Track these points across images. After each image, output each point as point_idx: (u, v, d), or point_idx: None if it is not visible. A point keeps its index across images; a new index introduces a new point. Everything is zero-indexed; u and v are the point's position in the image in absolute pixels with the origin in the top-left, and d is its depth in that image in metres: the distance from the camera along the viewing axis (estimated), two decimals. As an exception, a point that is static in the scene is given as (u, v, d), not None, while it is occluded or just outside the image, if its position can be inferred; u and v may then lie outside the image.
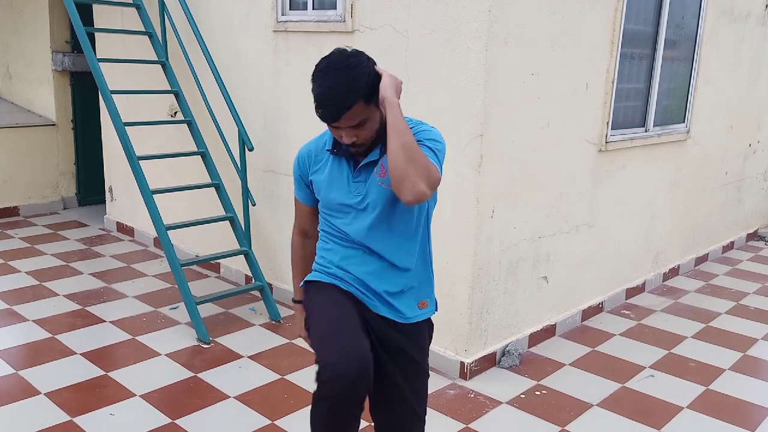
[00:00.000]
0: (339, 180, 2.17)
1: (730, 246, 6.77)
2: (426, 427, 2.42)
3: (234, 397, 3.61)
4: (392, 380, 2.27)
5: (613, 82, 4.44)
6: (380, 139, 2.11)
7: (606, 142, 4.52)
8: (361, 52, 2.07)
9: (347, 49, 2.07)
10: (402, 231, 2.19)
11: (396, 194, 1.98)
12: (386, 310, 2.23)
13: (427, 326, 2.39)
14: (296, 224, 2.41)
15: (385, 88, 2.03)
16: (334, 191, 2.17)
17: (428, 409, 3.61)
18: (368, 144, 2.09)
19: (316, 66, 2.04)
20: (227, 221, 4.91)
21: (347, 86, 1.95)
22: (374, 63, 2.09)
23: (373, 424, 2.42)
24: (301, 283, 2.38)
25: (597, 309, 4.94)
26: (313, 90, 2.01)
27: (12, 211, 7.00)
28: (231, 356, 4.10)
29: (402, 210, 2.15)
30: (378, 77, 2.05)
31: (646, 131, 5.01)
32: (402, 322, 2.25)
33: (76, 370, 3.84)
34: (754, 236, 7.24)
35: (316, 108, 2.00)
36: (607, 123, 4.49)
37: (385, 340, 2.23)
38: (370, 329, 2.20)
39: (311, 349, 2.17)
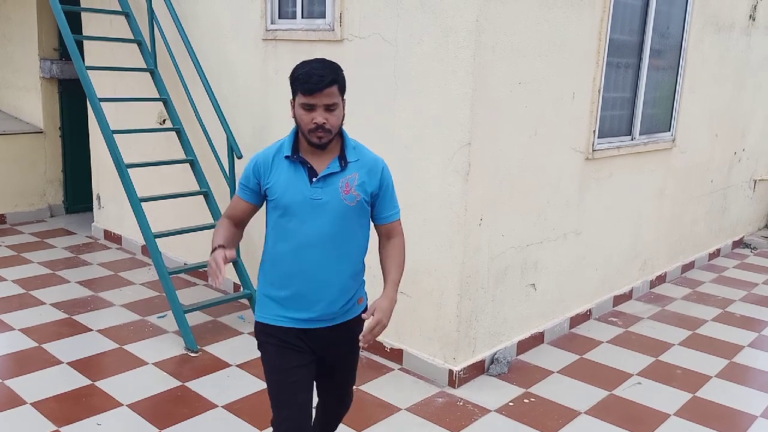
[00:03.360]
0: (296, 184, 2.33)
1: (716, 253, 6.83)
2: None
3: (222, 407, 3.60)
4: (334, 372, 2.61)
5: (599, 91, 4.48)
6: (339, 151, 2.37)
7: (593, 151, 4.56)
8: None
9: None
10: (348, 241, 2.40)
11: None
12: (323, 322, 2.42)
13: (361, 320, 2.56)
14: (228, 211, 2.56)
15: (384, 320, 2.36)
16: (292, 192, 2.33)
17: (417, 417, 3.63)
18: (333, 133, 2.29)
19: (299, 63, 2.31)
20: (216, 229, 4.89)
21: (331, 68, 2.27)
22: None
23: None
24: (256, 317, 2.50)
25: (585, 316, 4.96)
26: (297, 71, 2.27)
27: (-2, 219, 6.96)
28: (219, 365, 4.08)
29: (351, 223, 2.39)
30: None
31: (632, 140, 5.06)
32: (345, 321, 2.46)
33: (62, 380, 3.82)
34: (740, 244, 7.31)
35: (303, 82, 2.23)
36: (594, 131, 4.53)
37: (331, 345, 2.48)
38: (316, 348, 2.45)
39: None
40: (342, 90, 2.31)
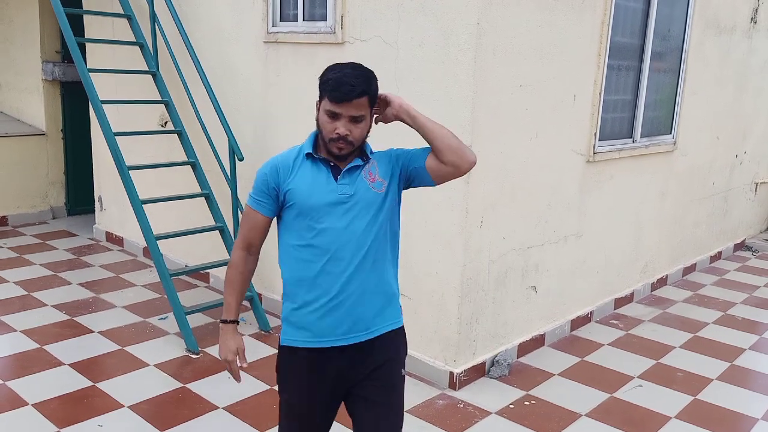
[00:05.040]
0: (320, 183, 2.16)
1: (717, 256, 6.82)
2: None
3: (223, 408, 3.60)
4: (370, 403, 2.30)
5: (600, 94, 4.48)
6: (359, 149, 2.21)
7: (594, 153, 4.56)
8: None
9: None
10: (383, 237, 2.22)
11: (447, 170, 2.22)
12: (360, 334, 2.22)
13: (397, 335, 2.36)
14: (242, 238, 2.31)
15: (402, 100, 2.25)
16: (316, 194, 2.16)
17: (418, 419, 3.62)
18: (356, 145, 2.15)
19: (331, 65, 2.15)
20: (217, 231, 4.91)
21: (364, 77, 2.12)
22: None
23: None
24: (280, 342, 2.35)
25: (586, 319, 4.96)
26: (328, 75, 2.12)
27: (0, 221, 6.96)
28: (220, 366, 4.08)
29: (384, 216, 2.22)
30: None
31: (633, 142, 5.06)
32: (375, 337, 2.24)
33: (64, 381, 3.82)
34: (741, 246, 7.30)
35: (331, 89, 2.09)
36: (595, 134, 4.53)
37: (359, 372, 2.25)
38: (343, 381, 2.26)
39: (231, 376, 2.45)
40: (372, 101, 2.15)
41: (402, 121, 2.23)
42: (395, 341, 2.31)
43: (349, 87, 2.07)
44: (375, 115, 2.23)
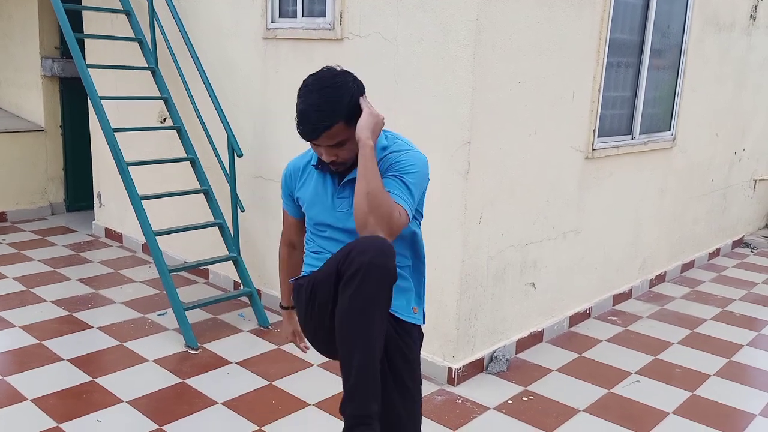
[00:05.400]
0: (323, 196, 2.16)
1: (716, 253, 6.83)
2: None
3: (222, 403, 3.61)
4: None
5: (599, 90, 4.49)
6: None
7: (593, 150, 4.57)
8: (350, 73, 2.08)
9: (336, 68, 2.09)
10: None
11: None
12: None
13: (417, 334, 2.35)
14: (283, 234, 2.46)
15: (361, 129, 2.00)
16: (318, 208, 2.17)
17: (416, 414, 3.61)
18: (349, 163, 2.08)
19: (303, 82, 2.05)
20: (216, 227, 4.91)
21: (328, 106, 1.96)
22: (363, 87, 2.09)
23: None
24: (291, 280, 2.40)
25: (584, 315, 4.97)
26: (296, 106, 2.03)
27: (-1, 217, 6.98)
28: (219, 362, 4.10)
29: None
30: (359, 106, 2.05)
31: (632, 139, 5.06)
32: (396, 317, 2.20)
33: (63, 376, 3.83)
34: (740, 243, 7.31)
35: (297, 125, 2.01)
36: (594, 130, 4.53)
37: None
38: None
39: (300, 353, 2.39)
40: (349, 120, 1.98)
41: None
42: (410, 334, 2.25)
43: (311, 127, 1.95)
44: None
